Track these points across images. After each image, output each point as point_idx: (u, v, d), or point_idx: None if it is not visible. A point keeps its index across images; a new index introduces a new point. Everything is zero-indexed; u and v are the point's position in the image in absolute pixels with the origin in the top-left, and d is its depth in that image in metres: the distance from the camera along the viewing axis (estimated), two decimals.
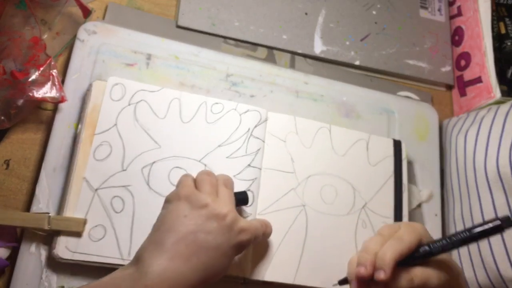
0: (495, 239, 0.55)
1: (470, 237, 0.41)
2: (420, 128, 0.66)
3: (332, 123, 0.62)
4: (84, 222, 0.48)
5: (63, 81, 0.54)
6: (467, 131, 0.63)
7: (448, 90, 0.74)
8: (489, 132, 0.59)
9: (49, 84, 0.52)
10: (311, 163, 0.58)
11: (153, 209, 0.49)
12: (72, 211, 0.48)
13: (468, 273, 0.59)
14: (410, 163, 0.64)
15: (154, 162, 0.52)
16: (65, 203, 0.49)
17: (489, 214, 0.56)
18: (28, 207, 0.50)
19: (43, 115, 0.55)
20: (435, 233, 0.62)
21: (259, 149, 0.56)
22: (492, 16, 0.68)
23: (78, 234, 0.48)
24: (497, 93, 0.65)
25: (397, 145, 0.62)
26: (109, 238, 0.49)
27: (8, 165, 0.52)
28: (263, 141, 0.56)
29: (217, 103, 0.56)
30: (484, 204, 0.57)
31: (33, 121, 0.54)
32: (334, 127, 0.60)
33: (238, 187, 0.52)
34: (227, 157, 0.54)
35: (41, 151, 0.53)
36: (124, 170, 0.51)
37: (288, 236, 0.54)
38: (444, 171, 0.66)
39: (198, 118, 0.55)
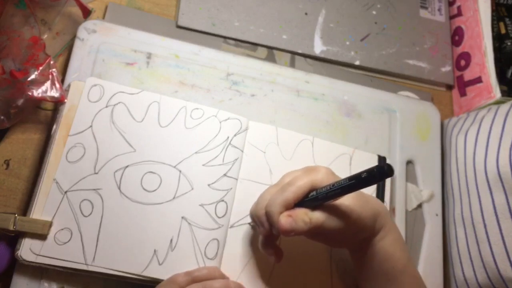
0: (495, 239, 0.55)
1: (350, 185, 0.42)
2: (421, 127, 0.66)
3: (333, 122, 0.62)
4: (49, 224, 0.47)
5: (62, 81, 0.54)
6: (467, 131, 0.63)
7: (448, 90, 0.74)
8: (489, 132, 0.59)
9: (48, 83, 0.51)
10: None
11: (122, 214, 0.49)
12: (39, 213, 0.48)
13: (468, 273, 0.59)
14: (411, 163, 0.64)
15: (127, 166, 0.51)
16: (33, 204, 0.48)
17: (489, 214, 0.56)
18: (28, 207, 0.50)
19: (42, 115, 0.55)
20: (436, 233, 0.62)
21: (236, 159, 0.54)
22: (492, 16, 0.68)
23: (43, 237, 0.47)
24: (497, 93, 0.65)
25: (381, 161, 0.60)
26: (74, 242, 0.48)
27: (8, 165, 0.52)
28: (242, 151, 0.55)
29: (197, 108, 0.55)
30: (484, 204, 0.57)
31: (33, 121, 0.54)
32: (317, 139, 0.59)
33: (212, 197, 0.52)
34: (203, 165, 0.53)
35: (41, 151, 0.53)
36: (95, 173, 0.50)
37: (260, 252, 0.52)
38: (444, 171, 0.66)
39: (176, 123, 0.54)
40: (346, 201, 0.45)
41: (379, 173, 0.40)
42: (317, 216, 0.44)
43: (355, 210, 0.45)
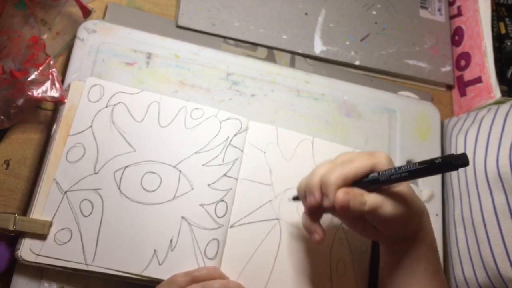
0: (495, 239, 0.55)
1: (420, 169, 0.40)
2: (421, 127, 0.66)
3: (333, 122, 0.62)
4: (49, 224, 0.47)
5: (62, 81, 0.54)
6: (467, 131, 0.63)
7: (448, 90, 0.74)
8: (489, 132, 0.59)
9: (48, 83, 0.51)
10: (290, 176, 0.56)
11: (122, 214, 0.49)
12: (39, 213, 0.48)
13: (468, 273, 0.59)
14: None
15: (127, 166, 0.51)
16: (33, 204, 0.48)
17: (489, 214, 0.56)
18: (28, 207, 0.50)
19: (42, 115, 0.55)
20: (436, 233, 0.62)
21: (236, 159, 0.54)
22: (492, 16, 0.69)
23: (43, 237, 0.47)
24: (497, 93, 0.65)
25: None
26: (74, 242, 0.48)
27: (8, 165, 0.52)
28: (242, 151, 0.55)
29: (197, 108, 0.55)
30: (484, 204, 0.57)
31: (33, 121, 0.54)
32: (317, 139, 0.59)
33: (212, 197, 0.52)
34: (203, 165, 0.53)
35: (41, 151, 0.53)
36: (95, 173, 0.50)
37: (260, 249, 0.52)
38: None
39: (176, 123, 0.54)
40: (404, 189, 0.44)
41: (456, 161, 0.38)
42: (374, 200, 0.43)
43: (412, 201, 0.44)
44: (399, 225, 0.45)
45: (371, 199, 0.43)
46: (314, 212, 0.47)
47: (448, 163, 0.39)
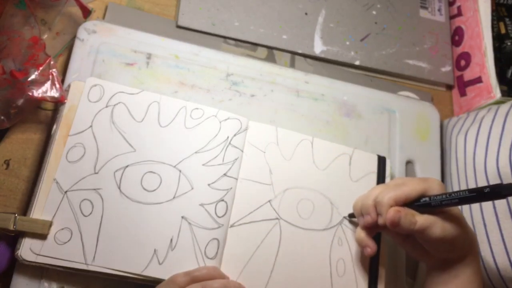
0: (495, 239, 0.55)
1: (470, 197, 0.43)
2: (421, 128, 0.66)
3: (333, 122, 0.62)
4: (49, 224, 0.47)
5: (63, 81, 0.54)
6: (467, 131, 0.63)
7: (448, 90, 0.74)
8: (489, 132, 0.59)
9: (48, 83, 0.51)
10: (289, 176, 0.56)
11: (122, 214, 0.49)
12: (39, 213, 0.48)
13: None
14: (410, 163, 0.64)
15: (127, 166, 0.51)
16: (33, 204, 0.48)
17: (489, 214, 0.56)
18: (28, 207, 0.50)
19: (43, 115, 0.55)
20: None
21: (236, 159, 0.54)
22: (492, 16, 0.69)
23: (43, 237, 0.47)
24: (497, 93, 0.65)
25: (381, 161, 0.60)
26: (75, 242, 0.47)
27: (8, 165, 0.52)
28: (242, 151, 0.55)
29: (197, 108, 0.55)
30: (484, 204, 0.57)
31: (33, 121, 0.54)
32: (316, 139, 0.59)
33: (212, 197, 0.52)
34: (203, 165, 0.53)
35: (41, 151, 0.53)
36: (96, 173, 0.50)
37: (260, 249, 0.52)
38: (444, 171, 0.66)
39: (176, 123, 0.54)
40: (456, 213, 0.46)
41: (505, 191, 0.40)
42: (424, 220, 0.45)
43: (462, 225, 0.46)
44: (448, 247, 0.47)
45: (422, 219, 0.45)
46: (370, 229, 0.50)
47: (497, 193, 0.41)
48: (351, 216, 0.55)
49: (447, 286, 0.48)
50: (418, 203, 0.47)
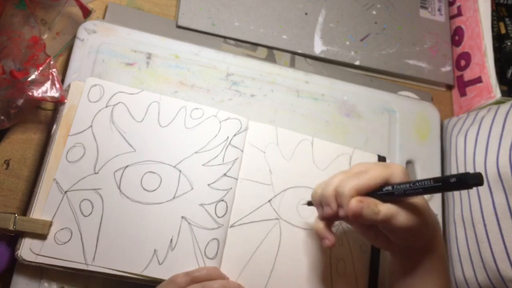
0: (495, 239, 0.55)
1: (434, 186, 0.41)
2: (421, 127, 0.66)
3: (333, 122, 0.62)
4: (49, 224, 0.47)
5: (62, 81, 0.54)
6: (467, 131, 0.63)
7: (448, 90, 0.74)
8: (489, 132, 0.59)
9: (48, 83, 0.51)
10: (289, 176, 0.56)
11: (122, 214, 0.49)
12: (39, 213, 0.48)
13: (468, 273, 0.59)
14: (410, 163, 0.64)
15: (127, 166, 0.51)
16: (33, 204, 0.48)
17: (489, 214, 0.56)
18: (28, 207, 0.50)
19: (43, 115, 0.55)
20: None
21: (236, 159, 0.54)
22: (492, 16, 0.68)
23: (43, 237, 0.47)
24: (497, 93, 0.65)
25: (381, 161, 0.60)
26: (74, 242, 0.48)
27: (8, 165, 0.52)
28: (242, 151, 0.55)
29: (197, 108, 0.55)
30: (484, 204, 0.57)
31: (33, 121, 0.54)
32: (316, 139, 0.59)
33: (212, 197, 0.52)
34: (203, 165, 0.53)
35: (41, 151, 0.53)
36: (95, 173, 0.50)
37: (260, 249, 0.52)
38: (444, 171, 0.66)
39: (176, 123, 0.54)
40: (418, 201, 0.44)
41: (470, 180, 0.38)
42: (387, 209, 0.43)
43: (425, 213, 0.45)
44: (412, 236, 0.46)
45: (385, 208, 0.43)
46: (329, 220, 0.48)
47: (463, 182, 0.39)
48: (310, 204, 0.52)
49: (412, 274, 0.48)
50: (381, 192, 0.44)
